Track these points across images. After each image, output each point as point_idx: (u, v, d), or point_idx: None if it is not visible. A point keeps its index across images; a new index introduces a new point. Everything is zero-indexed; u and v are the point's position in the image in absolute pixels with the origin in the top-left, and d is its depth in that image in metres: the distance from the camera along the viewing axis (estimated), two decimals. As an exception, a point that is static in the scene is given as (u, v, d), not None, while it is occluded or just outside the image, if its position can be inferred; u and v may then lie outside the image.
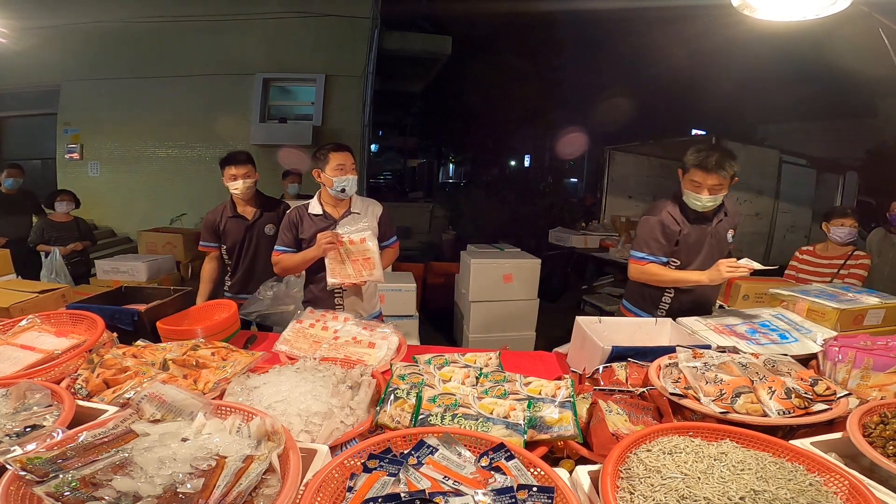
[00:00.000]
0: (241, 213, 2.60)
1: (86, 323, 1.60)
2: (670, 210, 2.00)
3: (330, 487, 0.83)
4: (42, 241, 4.03)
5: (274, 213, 2.66)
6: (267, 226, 2.62)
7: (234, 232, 2.59)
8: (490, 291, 3.89)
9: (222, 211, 2.61)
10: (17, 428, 0.94)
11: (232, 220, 2.59)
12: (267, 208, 2.65)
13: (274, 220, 2.63)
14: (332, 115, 7.12)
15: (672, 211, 2.00)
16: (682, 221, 1.99)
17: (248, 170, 2.53)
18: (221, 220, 2.60)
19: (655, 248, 1.98)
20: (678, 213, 2.00)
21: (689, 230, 1.99)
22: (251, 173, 2.54)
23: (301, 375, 1.22)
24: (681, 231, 1.98)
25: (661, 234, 1.98)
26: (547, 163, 14.99)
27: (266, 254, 2.57)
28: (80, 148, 7.21)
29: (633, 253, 2.05)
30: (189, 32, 6.78)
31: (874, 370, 1.33)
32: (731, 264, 1.74)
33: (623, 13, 8.67)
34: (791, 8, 1.70)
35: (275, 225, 2.61)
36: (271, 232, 2.61)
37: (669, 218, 1.99)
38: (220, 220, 2.60)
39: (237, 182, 2.50)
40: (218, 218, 2.60)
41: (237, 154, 2.54)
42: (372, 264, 1.99)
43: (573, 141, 12.19)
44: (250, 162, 2.56)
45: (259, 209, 2.62)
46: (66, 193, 4.24)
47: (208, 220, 2.61)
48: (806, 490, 0.78)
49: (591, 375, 1.41)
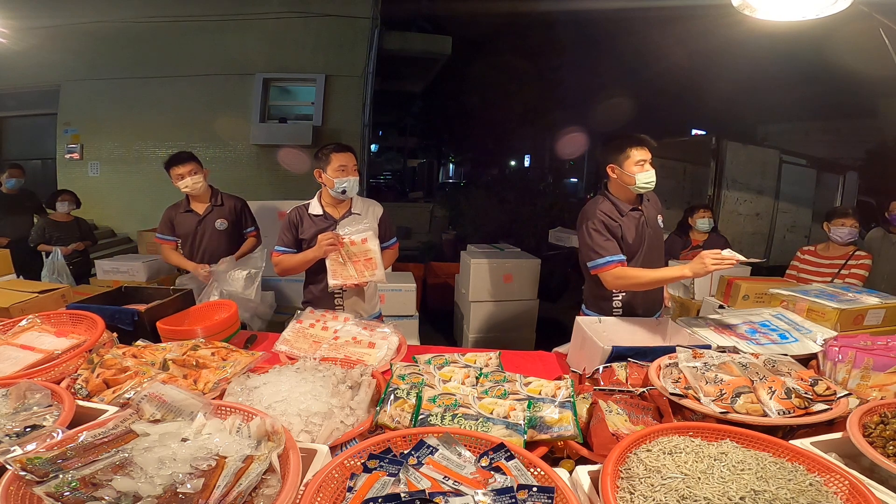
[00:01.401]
0: (193, 208, 2.73)
1: (86, 323, 1.60)
2: (602, 209, 1.98)
3: (330, 487, 0.83)
4: (43, 240, 4.03)
5: (225, 207, 2.76)
6: (218, 220, 2.73)
7: (185, 225, 2.73)
8: (490, 291, 3.89)
9: (178, 205, 2.76)
10: (17, 428, 0.94)
11: (184, 214, 2.73)
12: (219, 203, 2.76)
13: (225, 214, 2.76)
14: (332, 115, 7.12)
15: (604, 208, 1.98)
16: (617, 216, 1.97)
17: (193, 167, 2.65)
18: (175, 214, 2.75)
19: (611, 248, 1.91)
20: (611, 209, 1.98)
21: (626, 223, 1.97)
22: (197, 170, 2.65)
23: (301, 375, 1.22)
24: (620, 226, 1.96)
25: (608, 233, 1.94)
26: (547, 163, 14.99)
27: (216, 247, 2.74)
28: (80, 148, 7.21)
29: (593, 263, 1.92)
30: (189, 32, 6.78)
31: (874, 370, 1.33)
32: (716, 256, 1.69)
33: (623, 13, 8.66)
34: (791, 8, 1.70)
35: (226, 220, 2.75)
36: (222, 227, 2.74)
37: (605, 216, 1.96)
38: (175, 215, 2.75)
39: (185, 180, 2.62)
40: (173, 213, 2.75)
41: (179, 154, 2.68)
42: (373, 265, 1.99)
43: (573, 141, 12.18)
44: (193, 160, 2.67)
45: (211, 204, 2.73)
46: (67, 193, 4.25)
47: (166, 214, 2.77)
48: (806, 490, 0.78)
49: (591, 375, 1.41)
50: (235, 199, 2.85)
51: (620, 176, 1.97)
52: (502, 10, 9.10)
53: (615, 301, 2.02)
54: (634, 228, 1.98)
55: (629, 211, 2.00)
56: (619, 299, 2.02)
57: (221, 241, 2.74)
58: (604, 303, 2.05)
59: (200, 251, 2.73)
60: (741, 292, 2.45)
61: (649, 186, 1.97)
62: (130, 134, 7.12)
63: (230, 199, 2.82)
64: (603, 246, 1.91)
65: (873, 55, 3.16)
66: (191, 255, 2.74)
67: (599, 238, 1.92)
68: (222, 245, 2.74)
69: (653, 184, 1.96)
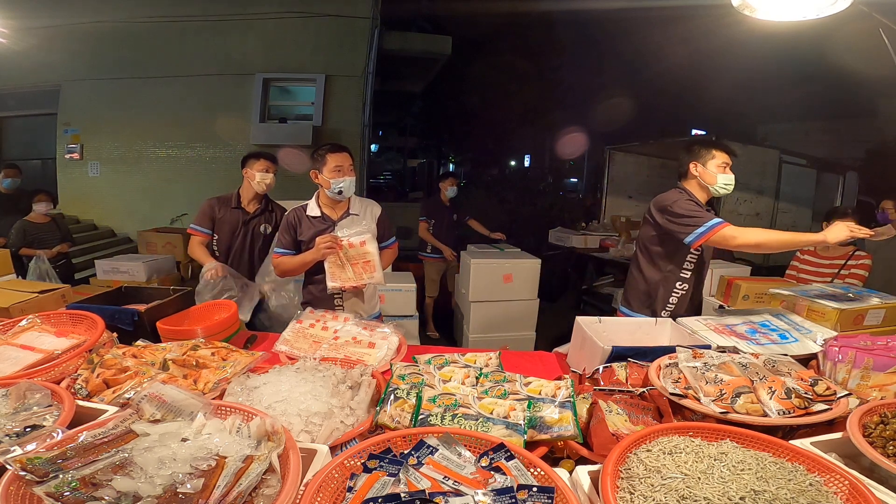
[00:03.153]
0: (244, 206, 2.65)
1: (86, 323, 1.60)
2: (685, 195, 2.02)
3: (330, 487, 0.83)
4: (24, 244, 3.86)
5: (275, 214, 2.71)
6: (264, 224, 2.67)
7: (229, 221, 2.62)
8: (490, 291, 3.89)
9: (225, 200, 2.65)
10: (17, 428, 0.93)
11: (232, 210, 2.62)
12: (270, 209, 2.72)
13: (272, 221, 2.69)
14: (332, 115, 7.12)
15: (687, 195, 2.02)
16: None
17: (276, 168, 2.65)
18: (220, 208, 2.63)
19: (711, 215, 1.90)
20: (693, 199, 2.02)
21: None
22: (276, 171, 2.66)
23: (301, 375, 1.22)
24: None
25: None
26: (547, 163, 14.98)
27: (256, 251, 2.66)
28: (80, 148, 7.22)
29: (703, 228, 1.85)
30: (189, 32, 6.78)
31: (874, 370, 1.33)
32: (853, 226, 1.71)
33: (623, 13, 8.67)
34: (791, 8, 1.70)
35: (270, 226, 2.68)
36: (266, 231, 2.66)
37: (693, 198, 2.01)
38: (219, 208, 2.63)
39: (269, 174, 2.59)
40: (218, 204, 2.63)
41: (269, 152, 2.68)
42: (372, 267, 1.99)
43: (573, 141, 12.18)
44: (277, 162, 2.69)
45: (262, 206, 2.68)
46: (45, 193, 4.08)
47: (207, 206, 2.64)
48: (806, 490, 0.78)
49: (591, 375, 1.41)
50: (282, 208, 2.75)
51: (702, 174, 2.01)
52: (502, 10, 9.10)
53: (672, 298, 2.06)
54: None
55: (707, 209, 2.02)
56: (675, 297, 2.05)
57: (262, 247, 2.67)
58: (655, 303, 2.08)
59: (239, 252, 2.63)
60: (741, 292, 2.45)
61: (728, 189, 2.01)
62: (130, 134, 7.12)
63: (279, 208, 2.76)
64: (703, 214, 1.91)
65: (873, 55, 3.16)
66: (226, 252, 2.62)
67: (696, 208, 1.94)
68: (262, 251, 2.67)
69: (731, 188, 2.01)
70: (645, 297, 2.13)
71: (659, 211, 2.03)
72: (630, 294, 2.21)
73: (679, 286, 2.07)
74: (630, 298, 2.20)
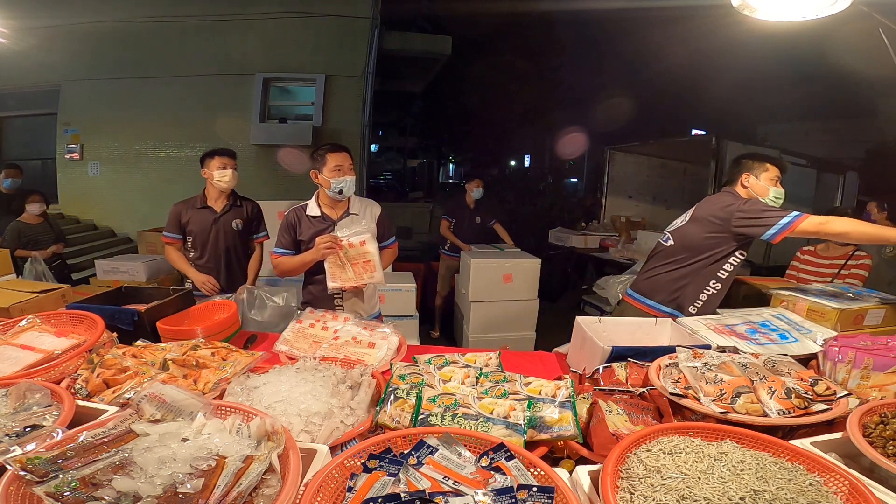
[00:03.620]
0: (210, 205, 2.64)
1: (86, 323, 1.60)
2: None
3: (330, 487, 0.83)
4: (19, 245, 3.83)
5: (243, 208, 2.70)
6: (235, 220, 2.66)
7: (199, 223, 2.62)
8: (490, 291, 3.90)
9: (191, 202, 2.65)
10: (17, 428, 0.93)
11: (199, 210, 2.63)
12: (238, 204, 2.70)
13: (242, 216, 2.68)
14: (332, 115, 7.12)
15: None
16: None
17: (235, 163, 2.61)
18: (187, 211, 2.63)
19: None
20: None
21: None
22: (236, 167, 2.61)
23: (301, 375, 1.22)
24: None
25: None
26: (547, 163, 14.99)
27: (233, 248, 2.66)
28: (80, 148, 7.21)
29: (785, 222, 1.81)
30: (189, 32, 6.78)
31: (874, 370, 1.33)
32: None
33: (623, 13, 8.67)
34: (791, 8, 1.70)
35: (242, 220, 2.68)
36: (238, 227, 2.66)
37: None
38: (186, 211, 2.63)
39: (227, 171, 2.55)
40: (184, 209, 2.64)
41: (225, 148, 2.63)
42: (372, 267, 1.99)
43: (573, 141, 12.19)
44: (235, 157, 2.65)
45: (229, 203, 2.66)
46: (38, 193, 4.07)
47: (174, 211, 2.65)
48: (806, 490, 0.78)
49: (591, 375, 1.41)
50: (251, 201, 2.78)
51: (754, 186, 2.06)
52: (502, 10, 9.10)
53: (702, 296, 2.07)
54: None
55: None
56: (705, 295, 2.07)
57: (235, 242, 2.68)
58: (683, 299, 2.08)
59: (214, 251, 2.65)
60: (741, 292, 2.45)
61: (778, 203, 2.04)
62: (130, 134, 7.12)
63: (247, 201, 2.76)
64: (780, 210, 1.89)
65: (873, 55, 3.16)
66: (201, 254, 2.66)
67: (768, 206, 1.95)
68: (237, 247, 2.68)
69: (781, 202, 2.04)
70: (673, 291, 2.10)
71: (726, 212, 1.99)
72: (653, 286, 2.17)
73: (713, 284, 2.06)
74: (653, 290, 2.17)
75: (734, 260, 2.05)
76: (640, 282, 2.26)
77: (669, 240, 2.18)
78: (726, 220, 1.98)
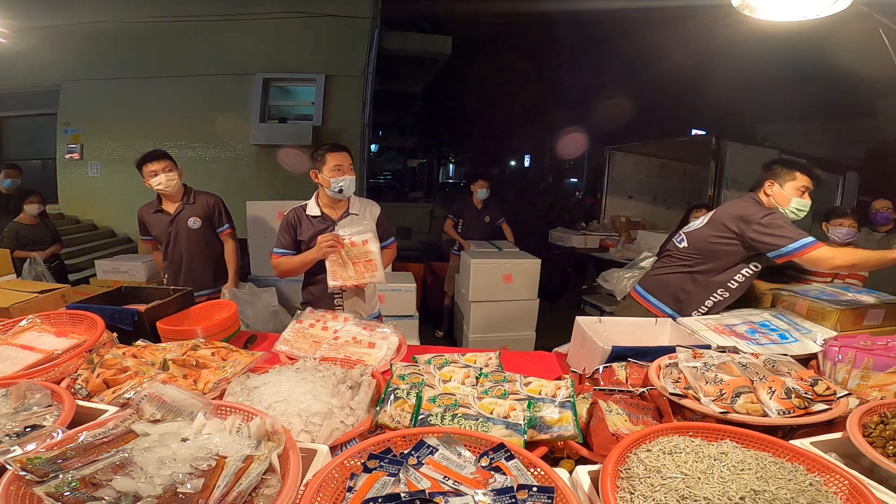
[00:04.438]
0: (164, 207, 2.64)
1: (86, 323, 1.60)
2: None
3: (330, 487, 0.83)
4: (18, 246, 3.80)
5: (198, 204, 2.66)
6: (191, 219, 2.63)
7: (157, 226, 2.64)
8: (490, 291, 3.89)
9: (149, 206, 2.67)
10: (17, 428, 0.93)
11: (155, 214, 2.64)
12: (191, 201, 2.66)
13: (198, 212, 2.65)
14: (332, 115, 7.12)
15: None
16: None
17: (168, 164, 2.56)
18: (147, 215, 2.66)
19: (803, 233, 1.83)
20: None
21: None
22: (171, 168, 2.57)
23: (301, 375, 1.22)
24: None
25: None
26: (547, 163, 14.99)
27: (192, 247, 2.64)
28: (80, 148, 7.21)
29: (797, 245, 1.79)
30: (189, 32, 6.77)
31: (874, 370, 1.33)
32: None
33: (623, 13, 8.66)
34: (791, 8, 1.70)
35: (199, 217, 2.64)
36: (195, 225, 2.63)
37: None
38: (147, 216, 2.66)
39: (159, 177, 2.53)
40: (145, 213, 2.67)
41: (152, 152, 2.59)
42: (374, 266, 1.99)
43: (573, 141, 12.18)
44: (167, 157, 2.59)
45: (182, 202, 2.63)
46: (36, 194, 4.06)
47: (138, 215, 2.70)
48: (806, 490, 0.78)
49: (591, 375, 1.41)
50: (209, 195, 2.73)
51: (776, 194, 1.99)
52: (502, 10, 9.10)
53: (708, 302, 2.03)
54: None
55: None
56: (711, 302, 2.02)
57: (197, 241, 2.64)
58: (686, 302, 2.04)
59: (175, 253, 2.64)
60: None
61: (799, 215, 1.97)
62: (130, 134, 7.11)
63: (203, 195, 2.71)
64: (796, 231, 1.84)
65: (873, 55, 3.16)
66: (165, 257, 2.67)
67: (788, 223, 1.88)
68: (199, 245, 2.65)
69: (804, 213, 1.97)
70: (679, 293, 2.08)
71: (743, 220, 1.94)
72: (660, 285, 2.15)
73: (720, 292, 2.01)
74: (659, 290, 2.14)
75: (747, 271, 1.99)
76: (649, 278, 2.23)
77: (683, 241, 2.13)
78: (743, 227, 1.92)
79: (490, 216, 4.77)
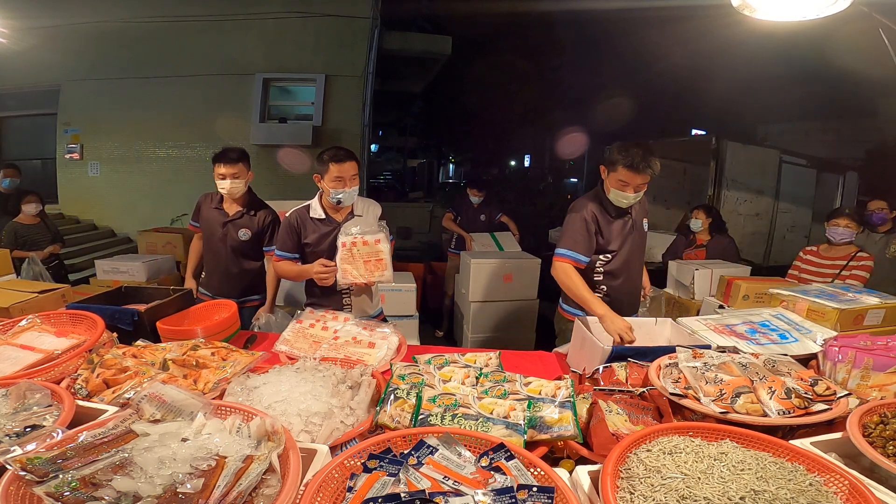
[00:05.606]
0: (224, 207, 2.57)
1: (86, 323, 1.60)
2: (593, 208, 2.07)
3: (330, 487, 0.83)
4: (16, 246, 3.78)
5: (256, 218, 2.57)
6: (242, 229, 2.54)
7: (210, 220, 2.58)
8: (490, 291, 3.89)
9: (211, 197, 2.62)
10: (17, 428, 0.94)
11: (213, 209, 2.58)
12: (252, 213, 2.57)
13: (252, 225, 2.56)
14: (332, 115, 7.12)
15: (594, 208, 2.07)
16: (603, 217, 2.07)
17: (238, 170, 2.44)
18: (206, 204, 2.61)
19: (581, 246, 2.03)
20: (599, 210, 2.08)
21: (611, 224, 2.08)
22: (241, 174, 2.46)
23: (301, 375, 1.22)
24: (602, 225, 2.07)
25: (585, 231, 2.04)
26: (547, 163, 14.99)
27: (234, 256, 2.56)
28: (80, 148, 7.21)
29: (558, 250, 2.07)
30: (189, 32, 6.77)
31: (874, 370, 1.33)
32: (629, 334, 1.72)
33: (623, 13, 8.65)
34: (791, 8, 1.70)
35: (250, 230, 2.56)
36: (244, 236, 2.55)
37: (592, 215, 2.06)
38: (206, 204, 2.61)
39: (224, 182, 2.44)
40: (205, 201, 2.63)
41: (229, 151, 2.44)
42: (383, 265, 1.98)
43: (573, 141, 12.18)
44: (242, 160, 2.46)
45: (242, 210, 2.55)
46: (34, 194, 4.04)
47: (199, 200, 2.65)
48: (806, 490, 0.78)
49: (591, 375, 1.41)
50: (268, 211, 2.64)
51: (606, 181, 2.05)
52: (502, 10, 9.09)
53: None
54: (619, 230, 2.09)
55: (616, 214, 2.08)
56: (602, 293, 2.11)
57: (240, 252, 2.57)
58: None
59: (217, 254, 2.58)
60: (741, 292, 2.45)
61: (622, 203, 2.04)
62: (130, 134, 7.11)
63: (263, 211, 2.62)
64: (575, 239, 2.02)
65: (873, 55, 3.16)
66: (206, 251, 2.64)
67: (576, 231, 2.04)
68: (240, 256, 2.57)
69: (626, 203, 2.04)
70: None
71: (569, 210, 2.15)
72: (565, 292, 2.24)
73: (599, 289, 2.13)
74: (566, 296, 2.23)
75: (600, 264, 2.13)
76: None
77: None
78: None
79: (486, 215, 4.79)
